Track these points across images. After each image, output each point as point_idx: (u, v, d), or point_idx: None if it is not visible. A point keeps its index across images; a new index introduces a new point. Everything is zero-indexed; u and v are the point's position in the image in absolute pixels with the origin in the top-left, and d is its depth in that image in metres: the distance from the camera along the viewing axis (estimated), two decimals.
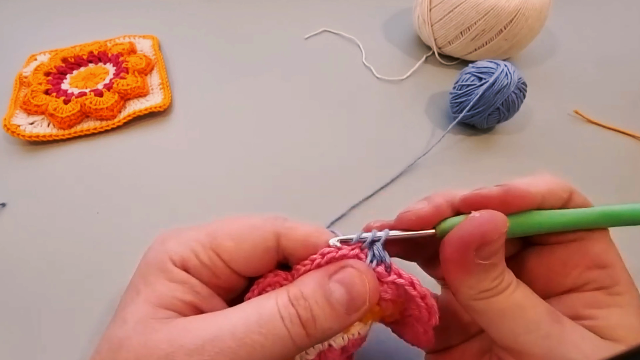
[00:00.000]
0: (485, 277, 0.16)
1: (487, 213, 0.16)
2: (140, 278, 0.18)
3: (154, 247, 0.19)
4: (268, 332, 0.15)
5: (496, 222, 0.16)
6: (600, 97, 0.46)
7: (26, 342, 0.27)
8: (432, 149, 0.39)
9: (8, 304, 0.29)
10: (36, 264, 0.31)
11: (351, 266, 0.17)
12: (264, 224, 0.18)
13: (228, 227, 0.18)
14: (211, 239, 0.18)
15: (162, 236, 0.19)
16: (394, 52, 0.52)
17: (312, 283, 0.17)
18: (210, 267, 0.18)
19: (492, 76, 0.37)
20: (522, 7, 0.43)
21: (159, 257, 0.18)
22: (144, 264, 0.18)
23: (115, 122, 0.40)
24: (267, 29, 0.55)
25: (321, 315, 0.16)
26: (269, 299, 0.16)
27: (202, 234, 0.18)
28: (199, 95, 0.45)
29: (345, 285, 0.16)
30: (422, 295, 0.18)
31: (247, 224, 0.18)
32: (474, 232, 0.16)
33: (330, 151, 0.40)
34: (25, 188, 0.36)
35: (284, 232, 0.18)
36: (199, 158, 0.39)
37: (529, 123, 0.43)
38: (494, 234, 0.16)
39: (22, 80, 0.44)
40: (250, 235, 0.18)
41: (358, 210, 0.35)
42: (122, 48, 0.47)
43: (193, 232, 0.19)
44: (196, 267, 0.18)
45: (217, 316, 0.16)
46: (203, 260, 0.18)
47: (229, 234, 0.18)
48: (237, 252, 0.18)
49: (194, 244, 0.18)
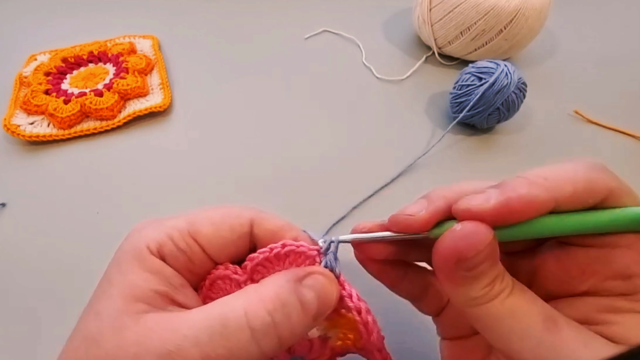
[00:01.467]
0: (473, 287, 0.16)
1: (467, 227, 0.15)
2: (115, 267, 0.17)
3: (132, 234, 0.19)
4: (234, 346, 0.15)
5: (475, 238, 0.15)
6: (600, 97, 0.46)
7: (26, 341, 0.27)
8: (432, 148, 0.39)
9: (8, 303, 0.29)
10: (36, 264, 0.31)
11: (320, 273, 0.18)
12: (240, 211, 0.19)
13: (207, 213, 0.19)
14: (189, 225, 0.18)
15: (141, 224, 0.19)
16: (394, 52, 0.52)
17: (286, 286, 0.16)
18: (187, 252, 0.18)
19: (492, 76, 0.37)
20: (522, 7, 0.43)
21: (135, 243, 0.18)
22: (119, 251, 0.18)
23: (115, 122, 0.40)
24: (267, 29, 0.55)
25: (297, 320, 0.16)
26: (234, 306, 0.15)
27: (180, 220, 0.19)
28: (199, 95, 0.45)
29: (316, 291, 0.17)
30: (357, 308, 0.18)
31: (226, 211, 0.19)
32: (452, 246, 0.15)
33: (331, 151, 0.40)
34: (25, 188, 0.36)
35: (257, 221, 0.19)
36: (199, 158, 0.39)
37: (529, 123, 0.43)
38: (470, 251, 0.15)
39: (22, 80, 0.44)
40: (229, 220, 0.19)
41: (358, 211, 0.35)
42: (122, 48, 0.47)
43: (172, 219, 0.19)
44: (172, 252, 0.18)
45: (183, 320, 0.15)
46: (179, 245, 0.18)
47: (208, 219, 0.18)
48: (215, 237, 0.18)
49: (171, 230, 0.18)
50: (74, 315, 0.18)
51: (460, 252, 0.15)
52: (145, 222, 0.19)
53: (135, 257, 0.17)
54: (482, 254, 0.15)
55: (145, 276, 0.17)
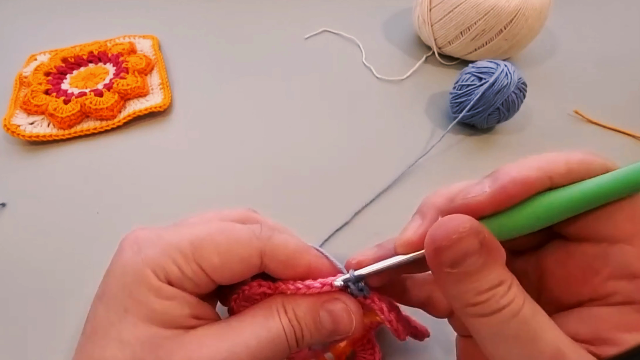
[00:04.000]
0: (463, 287, 0.15)
1: (444, 218, 0.15)
2: (122, 293, 0.17)
3: (128, 255, 0.18)
4: (276, 347, 0.18)
5: (448, 225, 0.15)
6: (600, 97, 0.46)
7: (26, 341, 0.27)
8: (432, 149, 0.39)
9: (8, 303, 0.29)
10: (36, 264, 0.31)
11: (342, 301, 0.19)
12: (249, 240, 0.18)
13: (213, 239, 0.18)
14: (194, 250, 0.17)
15: (135, 240, 0.18)
16: (394, 52, 0.52)
17: (306, 309, 0.19)
18: (194, 280, 0.18)
19: (492, 76, 0.37)
20: (522, 7, 0.43)
21: (138, 269, 0.17)
22: (120, 275, 0.17)
23: (115, 122, 0.40)
24: (267, 29, 0.55)
25: (308, 334, 0.19)
26: (273, 317, 0.18)
27: (184, 242, 0.18)
28: (199, 95, 0.45)
29: (332, 316, 0.19)
30: (388, 319, 0.20)
31: (234, 239, 0.18)
32: (429, 238, 0.15)
33: (330, 151, 0.40)
34: (25, 188, 0.36)
35: (268, 252, 0.18)
36: (199, 158, 0.39)
37: (529, 123, 0.43)
38: (443, 239, 0.14)
39: (22, 80, 0.44)
40: (237, 252, 0.18)
41: (360, 215, 0.35)
42: (122, 48, 0.47)
43: (172, 237, 0.18)
44: (179, 279, 0.17)
45: (227, 330, 0.18)
46: (187, 273, 0.17)
47: (215, 248, 0.18)
48: (222, 268, 0.18)
49: (175, 255, 0.17)
50: (74, 315, 0.18)
51: (434, 241, 0.15)
52: (139, 238, 0.18)
53: (146, 285, 0.17)
54: (463, 245, 0.14)
55: (165, 304, 0.17)
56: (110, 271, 0.18)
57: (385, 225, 0.34)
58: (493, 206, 0.15)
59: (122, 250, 0.18)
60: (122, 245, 0.18)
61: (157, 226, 0.20)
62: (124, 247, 0.18)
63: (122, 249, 0.18)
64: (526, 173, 0.15)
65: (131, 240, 0.18)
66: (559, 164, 0.15)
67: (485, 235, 0.15)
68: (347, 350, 0.25)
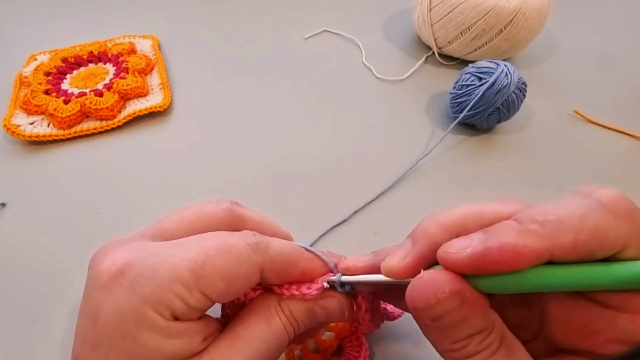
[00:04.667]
0: (441, 337, 0.15)
1: (424, 278, 0.15)
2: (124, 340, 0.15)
3: (120, 296, 0.16)
4: (280, 344, 0.19)
5: (426, 290, 0.14)
6: (600, 97, 0.46)
7: (26, 342, 0.27)
8: (433, 149, 0.39)
9: (8, 304, 0.29)
10: (36, 264, 0.31)
11: (335, 298, 0.20)
12: (249, 258, 0.17)
13: (215, 264, 0.16)
14: (196, 279, 0.16)
15: (121, 274, 0.16)
16: (394, 52, 0.52)
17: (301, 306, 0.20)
18: (199, 308, 0.17)
19: (492, 76, 0.37)
20: (522, 7, 0.43)
21: (138, 311, 0.15)
22: (115, 319, 0.15)
23: (115, 122, 0.40)
24: (267, 29, 0.55)
25: (303, 326, 0.20)
26: (274, 318, 0.19)
27: (183, 271, 0.16)
28: (199, 95, 0.45)
29: (327, 312, 0.20)
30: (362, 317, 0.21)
31: (235, 260, 0.17)
32: (408, 295, 0.15)
33: (331, 151, 0.40)
34: (25, 188, 0.36)
35: (267, 266, 0.18)
36: (199, 158, 0.39)
37: (529, 123, 0.43)
38: (419, 302, 0.14)
39: (22, 80, 0.44)
40: (240, 272, 0.17)
41: (360, 214, 0.35)
42: (122, 48, 0.47)
43: (167, 266, 0.16)
44: (185, 312, 0.16)
45: (237, 341, 0.18)
46: (193, 304, 0.16)
47: (219, 274, 0.17)
48: (227, 291, 0.17)
49: (177, 288, 0.16)
50: (74, 316, 0.18)
51: (412, 301, 0.15)
52: (123, 267, 0.16)
53: (151, 328, 0.16)
54: (442, 305, 0.14)
55: (176, 343, 0.16)
56: (98, 315, 0.16)
57: (385, 225, 0.34)
58: (471, 269, 0.14)
59: (108, 288, 0.16)
60: (106, 281, 0.16)
61: (134, 240, 0.18)
62: (108, 283, 0.16)
63: (107, 287, 0.16)
64: (523, 243, 0.13)
65: (115, 273, 0.16)
66: (567, 235, 0.13)
67: (466, 294, 0.14)
68: (334, 344, 0.25)
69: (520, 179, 0.38)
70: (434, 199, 0.36)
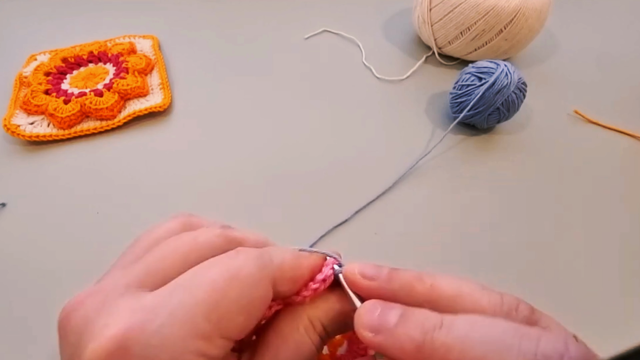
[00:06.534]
0: None
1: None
2: None
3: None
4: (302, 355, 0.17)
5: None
6: (600, 97, 0.46)
7: (25, 342, 0.27)
8: (433, 149, 0.39)
9: (8, 304, 0.29)
10: (36, 264, 0.31)
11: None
12: (260, 273, 0.15)
13: (228, 298, 0.14)
14: (214, 325, 0.14)
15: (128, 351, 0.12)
16: (394, 52, 0.52)
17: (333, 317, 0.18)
18: (221, 354, 0.14)
19: (492, 76, 0.37)
20: (522, 7, 0.43)
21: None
22: None
23: (115, 122, 0.40)
24: (267, 29, 0.55)
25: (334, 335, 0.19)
26: (304, 340, 0.17)
27: (197, 319, 0.13)
28: (199, 95, 0.45)
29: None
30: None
31: (247, 284, 0.15)
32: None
33: (331, 151, 0.40)
34: (25, 188, 0.36)
35: (278, 278, 0.16)
36: (199, 158, 0.39)
37: (529, 123, 0.43)
38: None
39: (22, 80, 0.44)
40: (257, 296, 0.15)
41: (361, 214, 0.35)
42: (122, 48, 0.47)
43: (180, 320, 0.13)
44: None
45: None
46: (216, 355, 0.14)
47: (236, 307, 0.14)
48: (249, 324, 0.15)
49: (196, 345, 0.13)
50: None
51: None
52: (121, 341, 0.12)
53: None
54: None
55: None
56: None
57: (385, 225, 0.34)
58: None
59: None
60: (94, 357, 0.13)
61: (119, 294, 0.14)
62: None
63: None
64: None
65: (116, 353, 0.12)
66: None
67: None
68: (342, 341, 0.25)
69: (520, 179, 0.38)
70: (434, 199, 0.36)
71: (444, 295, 0.16)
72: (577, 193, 0.37)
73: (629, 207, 0.36)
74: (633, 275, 0.31)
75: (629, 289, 0.31)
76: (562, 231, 0.34)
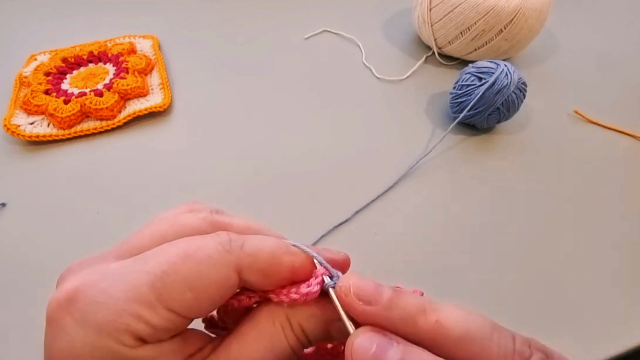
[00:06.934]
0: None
1: None
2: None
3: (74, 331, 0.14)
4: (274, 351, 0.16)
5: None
6: (600, 97, 0.46)
7: (25, 342, 0.27)
8: (433, 149, 0.39)
9: (8, 304, 0.29)
10: (36, 264, 0.31)
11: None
12: (221, 258, 0.15)
13: (178, 271, 0.14)
14: (157, 294, 0.14)
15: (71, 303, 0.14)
16: (394, 52, 0.52)
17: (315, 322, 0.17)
18: (168, 327, 0.14)
19: (492, 76, 0.37)
20: (522, 7, 0.43)
21: (96, 344, 0.13)
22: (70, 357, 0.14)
23: (115, 122, 0.40)
24: (267, 29, 0.55)
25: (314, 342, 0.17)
26: (279, 338, 0.16)
27: (141, 287, 0.14)
28: (199, 95, 0.45)
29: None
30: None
31: (203, 264, 0.15)
32: None
33: (331, 151, 0.40)
34: (25, 188, 0.36)
35: (245, 266, 0.15)
36: (199, 158, 0.39)
37: (529, 123, 0.43)
38: None
39: (22, 80, 0.44)
40: (210, 277, 0.15)
41: (361, 214, 0.35)
42: (122, 48, 0.47)
43: (122, 285, 0.14)
44: (151, 334, 0.14)
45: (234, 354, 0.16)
46: (158, 324, 0.14)
47: (184, 282, 0.14)
48: (198, 302, 0.15)
49: (136, 308, 0.14)
50: None
51: None
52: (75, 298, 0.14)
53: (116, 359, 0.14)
54: None
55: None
56: (51, 356, 0.14)
57: (385, 225, 0.34)
58: None
59: (57, 321, 0.14)
60: (54, 313, 0.14)
61: (100, 261, 0.16)
62: (57, 315, 0.14)
63: (56, 320, 0.14)
64: None
65: (64, 302, 0.14)
66: None
67: None
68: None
69: (520, 179, 0.38)
70: (434, 199, 0.36)
71: (450, 336, 0.14)
72: (577, 193, 0.37)
73: (629, 207, 0.36)
74: (633, 275, 0.31)
75: (629, 289, 0.31)
76: (562, 231, 0.34)
